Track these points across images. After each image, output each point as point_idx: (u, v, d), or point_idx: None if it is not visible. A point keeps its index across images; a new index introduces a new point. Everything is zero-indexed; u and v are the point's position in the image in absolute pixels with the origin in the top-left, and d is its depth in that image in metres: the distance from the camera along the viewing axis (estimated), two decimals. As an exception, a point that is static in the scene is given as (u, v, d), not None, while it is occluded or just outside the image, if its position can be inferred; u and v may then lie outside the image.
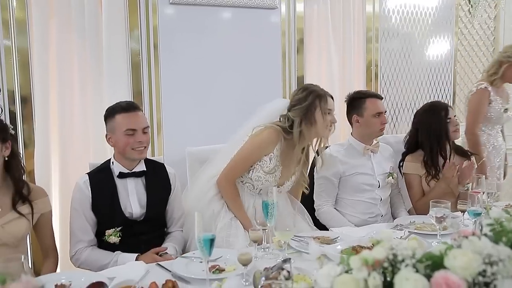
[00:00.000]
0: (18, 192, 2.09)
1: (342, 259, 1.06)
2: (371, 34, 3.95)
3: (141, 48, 3.14)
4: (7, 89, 2.83)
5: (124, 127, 2.24)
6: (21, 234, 2.09)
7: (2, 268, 1.29)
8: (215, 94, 3.35)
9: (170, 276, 1.77)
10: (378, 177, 2.85)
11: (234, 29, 3.41)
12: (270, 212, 1.97)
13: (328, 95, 2.54)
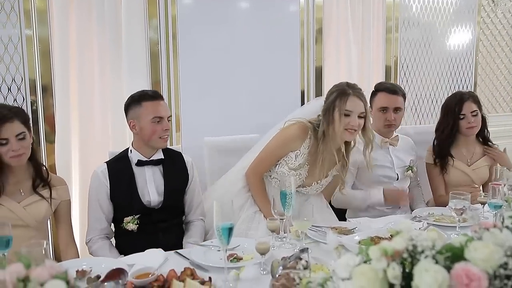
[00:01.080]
0: (38, 175, 2.15)
1: (361, 250, 1.06)
2: (391, 24, 3.90)
3: (159, 38, 3.15)
4: (29, 78, 2.88)
5: (151, 114, 2.26)
6: (41, 216, 2.15)
7: (26, 253, 1.32)
8: (233, 84, 3.35)
9: (189, 264, 1.78)
10: (397, 170, 2.83)
11: (252, 19, 3.40)
12: (288, 202, 1.97)
13: (354, 95, 2.30)
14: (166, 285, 1.50)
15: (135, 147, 2.36)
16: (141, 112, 2.28)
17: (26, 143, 2.05)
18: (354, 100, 2.30)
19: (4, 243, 1.65)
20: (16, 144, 2.00)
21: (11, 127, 1.99)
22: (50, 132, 2.98)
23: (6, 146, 1.99)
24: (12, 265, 0.97)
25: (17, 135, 2.00)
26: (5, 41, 2.82)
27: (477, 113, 2.82)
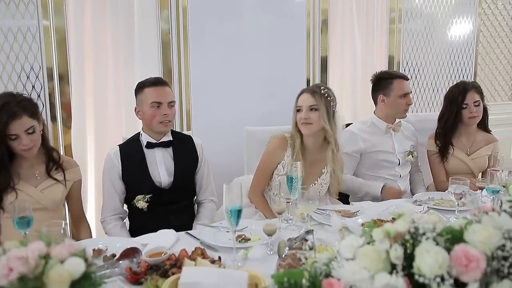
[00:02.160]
0: (51, 159, 2.16)
1: (365, 231, 1.06)
2: (394, 15, 3.86)
3: (170, 28, 3.15)
4: (46, 67, 2.88)
5: (150, 99, 2.27)
6: (58, 198, 2.17)
7: (46, 232, 1.33)
8: (241, 73, 3.34)
9: (199, 244, 1.80)
10: (399, 155, 2.83)
11: (260, 10, 3.38)
12: (294, 186, 1.98)
13: (304, 92, 2.36)
14: (178, 264, 1.51)
15: (144, 131, 2.37)
16: (143, 98, 2.30)
17: (36, 135, 2.03)
18: (303, 96, 2.35)
19: (25, 223, 1.67)
20: (26, 139, 1.98)
21: (20, 124, 1.96)
22: (66, 118, 3.00)
23: (17, 140, 1.98)
24: (34, 243, 0.98)
25: (26, 130, 1.98)
26: (23, 31, 2.82)
27: (479, 103, 2.79)
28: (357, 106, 3.82)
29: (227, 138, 2.65)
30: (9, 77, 2.82)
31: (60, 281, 0.94)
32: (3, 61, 2.80)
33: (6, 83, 2.82)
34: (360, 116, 3.72)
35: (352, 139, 2.78)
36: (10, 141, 1.98)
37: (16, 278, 0.91)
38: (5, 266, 0.91)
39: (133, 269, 1.50)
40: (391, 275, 0.94)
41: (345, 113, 3.82)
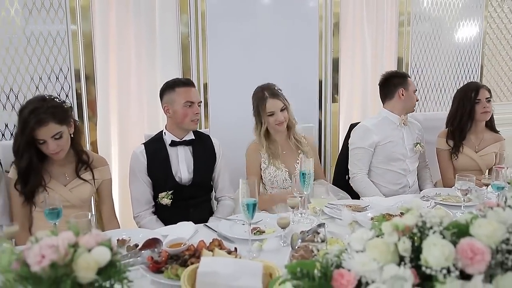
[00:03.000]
0: (80, 161, 2.17)
1: (374, 225, 1.06)
2: (403, 18, 3.82)
3: (190, 32, 3.16)
4: (74, 68, 2.92)
5: (183, 99, 2.29)
6: (86, 197, 2.19)
7: (74, 223, 1.36)
8: (256, 74, 3.32)
9: (216, 236, 1.81)
10: (407, 146, 2.80)
11: (274, 14, 3.38)
12: (307, 181, 1.98)
13: (270, 97, 2.52)
14: (196, 254, 1.52)
15: (168, 129, 2.38)
16: (175, 97, 2.31)
17: (63, 141, 2.02)
18: (270, 102, 2.51)
19: (55, 214, 1.70)
20: (53, 144, 1.98)
21: (46, 130, 1.96)
22: (92, 115, 3.03)
23: (44, 145, 1.99)
24: (63, 233, 0.99)
25: (53, 136, 1.98)
26: (53, 36, 2.86)
27: (490, 100, 2.80)
28: (367, 107, 3.80)
29: (243, 135, 2.65)
30: (40, 78, 2.87)
31: (87, 268, 0.95)
32: (34, 64, 2.84)
33: (37, 84, 2.86)
34: (369, 115, 3.68)
35: (366, 134, 2.75)
36: (38, 144, 2.00)
37: (48, 265, 0.92)
38: (38, 253, 0.93)
39: (155, 258, 1.52)
40: (399, 267, 0.94)
41: (355, 112, 3.81)
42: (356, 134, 2.81)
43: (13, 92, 2.82)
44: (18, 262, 0.96)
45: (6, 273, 0.98)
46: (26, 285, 0.95)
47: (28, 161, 2.01)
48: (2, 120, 2.84)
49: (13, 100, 2.84)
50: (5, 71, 2.79)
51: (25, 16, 2.79)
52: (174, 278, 1.42)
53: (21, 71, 2.83)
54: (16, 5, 2.76)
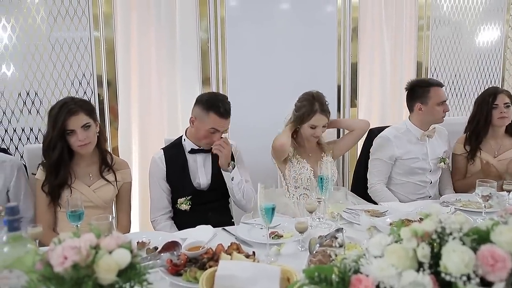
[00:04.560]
0: (104, 162, 2.22)
1: (393, 230, 1.05)
2: (422, 22, 3.78)
3: (209, 37, 3.18)
4: (96, 74, 2.98)
5: (211, 125, 2.25)
6: (109, 198, 2.22)
7: (95, 225, 1.38)
8: (275, 78, 3.35)
9: (235, 240, 1.81)
10: (431, 161, 2.73)
11: (293, 19, 3.38)
12: (325, 186, 1.97)
13: (320, 113, 2.51)
14: (215, 257, 1.52)
15: (188, 136, 2.39)
16: (205, 119, 2.26)
17: (91, 132, 2.09)
18: (318, 116, 2.51)
19: (77, 216, 1.73)
20: (82, 134, 2.04)
21: (76, 119, 2.03)
22: (113, 120, 3.08)
23: (74, 136, 2.05)
24: (85, 235, 1.01)
25: (82, 126, 2.04)
26: (77, 42, 2.92)
27: (509, 105, 2.72)
28: (386, 111, 3.76)
29: (262, 139, 2.66)
30: (64, 83, 2.93)
31: (108, 270, 0.96)
32: (58, 69, 2.90)
33: (61, 89, 2.92)
34: (388, 120, 3.66)
35: (386, 146, 2.70)
36: (68, 136, 2.05)
37: (70, 266, 0.94)
38: (61, 254, 0.94)
39: (174, 261, 1.53)
40: (418, 273, 0.92)
41: (374, 117, 3.77)
42: (377, 144, 2.76)
43: (38, 97, 2.89)
44: (42, 263, 0.98)
45: (30, 273, 0.99)
46: (49, 286, 0.97)
47: (60, 151, 2.06)
48: (27, 124, 2.90)
49: (38, 105, 2.90)
50: (31, 77, 2.86)
51: (50, 23, 2.86)
52: (193, 281, 1.43)
53: (46, 77, 2.89)
54: (42, 13, 2.83)
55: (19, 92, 2.86)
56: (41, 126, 2.91)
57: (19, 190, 2.17)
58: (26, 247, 1.13)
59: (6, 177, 2.12)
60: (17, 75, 2.84)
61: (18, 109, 2.87)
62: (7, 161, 2.15)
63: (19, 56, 2.83)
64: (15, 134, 2.89)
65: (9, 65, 2.82)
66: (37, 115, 2.90)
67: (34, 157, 2.28)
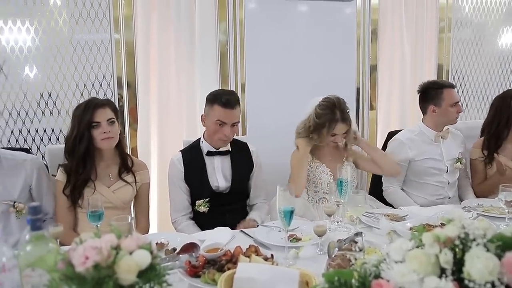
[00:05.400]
0: (124, 164, 2.24)
1: (414, 235, 1.03)
2: (443, 24, 3.73)
3: (228, 39, 3.20)
4: (116, 76, 3.02)
5: (216, 117, 2.28)
6: (128, 199, 2.25)
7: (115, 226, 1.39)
8: (293, 81, 3.34)
9: (253, 242, 1.80)
10: (447, 162, 2.72)
11: (312, 21, 3.37)
12: (344, 189, 1.96)
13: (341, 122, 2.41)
14: (233, 260, 1.52)
15: (205, 138, 2.40)
16: (211, 112, 2.31)
17: (115, 128, 2.15)
18: (341, 125, 2.42)
19: (97, 217, 1.75)
20: (107, 127, 2.10)
21: (103, 112, 2.11)
22: (133, 122, 3.11)
23: (99, 129, 2.10)
24: (106, 235, 1.02)
25: (108, 119, 2.11)
26: (98, 44, 2.96)
27: None
28: (406, 114, 3.72)
29: (280, 141, 2.66)
30: (85, 85, 2.97)
31: (128, 270, 0.97)
32: (79, 71, 2.95)
33: (82, 90, 2.97)
34: (409, 123, 3.62)
35: (400, 148, 2.71)
36: (93, 130, 2.09)
37: (91, 266, 0.95)
38: (82, 254, 0.95)
39: (192, 262, 1.53)
40: (440, 279, 0.91)
41: (393, 120, 3.74)
42: (390, 147, 2.77)
43: (59, 98, 2.94)
44: (64, 262, 0.99)
45: (52, 272, 1.01)
46: (70, 285, 0.98)
47: (87, 144, 2.10)
48: (49, 125, 2.95)
49: (59, 106, 2.95)
50: (53, 78, 2.91)
51: (72, 26, 2.91)
52: (211, 283, 1.43)
53: (67, 78, 2.94)
54: (64, 16, 2.88)
55: (41, 93, 2.91)
56: (62, 127, 2.96)
57: (41, 188, 2.21)
58: (48, 246, 1.14)
59: (27, 176, 2.17)
60: (40, 76, 2.90)
61: (40, 110, 2.92)
62: (27, 160, 2.20)
63: (42, 58, 2.88)
64: (37, 135, 2.94)
65: (32, 67, 2.88)
66: (58, 116, 2.95)
67: (55, 158, 2.33)
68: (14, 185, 2.12)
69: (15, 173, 2.14)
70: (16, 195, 2.11)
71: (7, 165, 2.13)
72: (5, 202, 2.09)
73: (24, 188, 2.15)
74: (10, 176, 2.12)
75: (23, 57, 2.85)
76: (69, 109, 2.93)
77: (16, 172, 2.14)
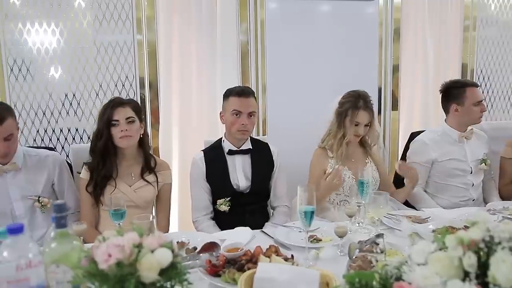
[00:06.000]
0: (147, 164, 2.27)
1: (437, 238, 1.02)
2: (468, 23, 3.66)
3: (249, 39, 3.20)
4: (139, 76, 3.05)
5: (232, 107, 2.32)
6: (149, 198, 2.27)
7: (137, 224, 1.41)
8: (314, 80, 3.33)
9: (273, 242, 1.80)
10: (471, 163, 2.67)
11: (333, 20, 3.35)
12: (365, 190, 1.94)
13: (364, 109, 2.41)
14: (253, 260, 1.52)
15: (226, 137, 2.42)
16: (226, 105, 2.36)
17: (135, 127, 2.17)
18: (363, 114, 2.42)
19: (119, 215, 1.77)
20: (125, 125, 2.14)
21: (122, 111, 2.15)
22: (155, 122, 3.15)
23: (117, 127, 2.14)
24: (129, 234, 1.03)
25: (126, 118, 2.15)
26: (121, 45, 3.01)
27: None
28: (429, 114, 3.66)
29: (301, 142, 2.65)
30: (108, 85, 3.02)
31: (150, 268, 0.98)
32: (103, 71, 3.00)
33: (105, 90, 3.02)
34: (431, 123, 3.57)
35: (422, 149, 2.67)
36: (112, 128, 2.14)
37: (114, 263, 0.97)
38: (105, 252, 0.97)
39: (213, 262, 1.54)
40: (463, 283, 0.89)
41: (416, 120, 3.69)
42: (413, 148, 2.74)
43: (83, 98, 2.99)
44: (87, 259, 1.01)
45: (76, 269, 1.03)
46: (93, 282, 1.00)
47: (105, 141, 2.15)
48: (73, 125, 3.01)
49: (83, 106, 3.00)
50: (77, 79, 2.97)
51: (96, 27, 2.96)
52: (231, 282, 1.44)
53: (91, 79, 2.99)
54: (88, 17, 2.93)
55: (66, 94, 2.97)
56: (86, 126, 3.01)
57: (63, 183, 2.28)
58: (72, 243, 1.17)
59: (50, 171, 2.24)
60: (64, 77, 2.95)
61: (64, 110, 2.98)
62: (50, 156, 2.27)
63: (66, 59, 2.94)
64: (62, 134, 3.00)
65: (57, 68, 2.94)
66: (82, 116, 3.01)
67: (79, 157, 2.39)
68: (38, 181, 2.19)
69: (39, 169, 2.21)
70: (40, 190, 2.18)
71: (31, 162, 2.20)
72: (30, 197, 2.15)
73: (47, 183, 2.22)
74: (34, 172, 2.19)
75: (48, 58, 2.91)
76: (93, 109, 2.99)
77: (39, 168, 2.21)
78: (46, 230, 2.05)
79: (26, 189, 2.15)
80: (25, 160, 2.18)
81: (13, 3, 2.83)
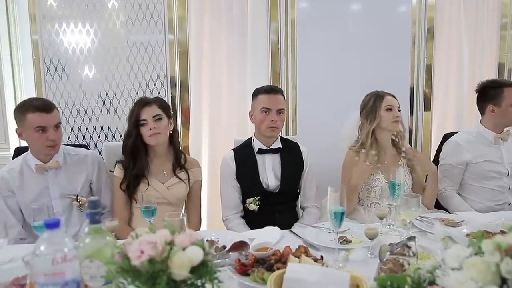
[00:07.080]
0: (177, 161, 2.30)
1: (472, 242, 1.00)
2: (506, 21, 3.55)
3: (279, 39, 3.20)
4: (170, 75, 3.10)
5: (261, 105, 2.33)
6: (181, 195, 2.30)
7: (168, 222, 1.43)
8: (345, 80, 3.30)
9: (302, 243, 1.79)
10: (508, 165, 2.59)
11: (364, 20, 3.31)
12: (397, 192, 1.91)
13: (388, 95, 2.44)
14: (282, 260, 1.52)
15: (256, 136, 2.43)
16: (255, 103, 2.37)
17: (163, 124, 2.20)
18: (388, 97, 2.43)
19: (150, 212, 1.80)
20: (153, 124, 2.17)
21: (150, 110, 2.18)
22: (185, 121, 3.19)
23: (146, 126, 2.18)
24: (161, 231, 1.05)
25: (154, 116, 2.18)
26: (152, 45, 3.06)
27: None
28: (463, 116, 3.57)
29: (331, 141, 2.63)
30: (140, 84, 3.08)
31: (181, 266, 1.00)
32: (135, 71, 3.06)
33: (137, 89, 3.08)
34: (465, 124, 3.48)
35: (457, 150, 2.61)
36: (141, 127, 2.18)
37: (146, 260, 0.98)
38: (138, 249, 0.99)
39: (242, 261, 1.55)
40: (501, 289, 0.87)
41: (449, 121, 3.60)
42: (446, 149, 2.68)
43: (116, 97, 3.06)
44: (120, 255, 1.03)
45: (109, 265, 1.05)
46: (126, 277, 1.02)
47: (134, 140, 2.20)
48: (105, 123, 3.08)
49: (116, 105, 3.07)
50: (110, 78, 3.04)
51: (129, 27, 3.02)
52: (260, 282, 1.44)
53: (123, 78, 3.05)
54: (121, 18, 3.00)
55: (99, 92, 3.05)
56: (118, 125, 3.08)
57: (100, 182, 2.33)
58: (105, 239, 1.19)
59: (89, 171, 2.29)
60: (98, 76, 3.03)
61: (98, 108, 3.06)
62: (88, 155, 2.33)
63: (100, 58, 3.01)
64: (95, 132, 3.08)
65: (91, 67, 3.01)
66: (114, 114, 3.08)
67: (111, 154, 2.44)
68: (77, 180, 2.25)
69: (78, 169, 2.26)
70: (78, 189, 2.23)
71: (71, 160, 2.26)
72: (69, 196, 2.21)
73: (85, 182, 2.27)
74: (73, 172, 2.25)
75: (83, 57, 2.99)
76: (125, 108, 3.05)
77: (79, 167, 2.26)
78: (80, 227, 2.10)
79: (66, 188, 2.21)
80: (65, 159, 2.24)
81: (50, 4, 2.92)
